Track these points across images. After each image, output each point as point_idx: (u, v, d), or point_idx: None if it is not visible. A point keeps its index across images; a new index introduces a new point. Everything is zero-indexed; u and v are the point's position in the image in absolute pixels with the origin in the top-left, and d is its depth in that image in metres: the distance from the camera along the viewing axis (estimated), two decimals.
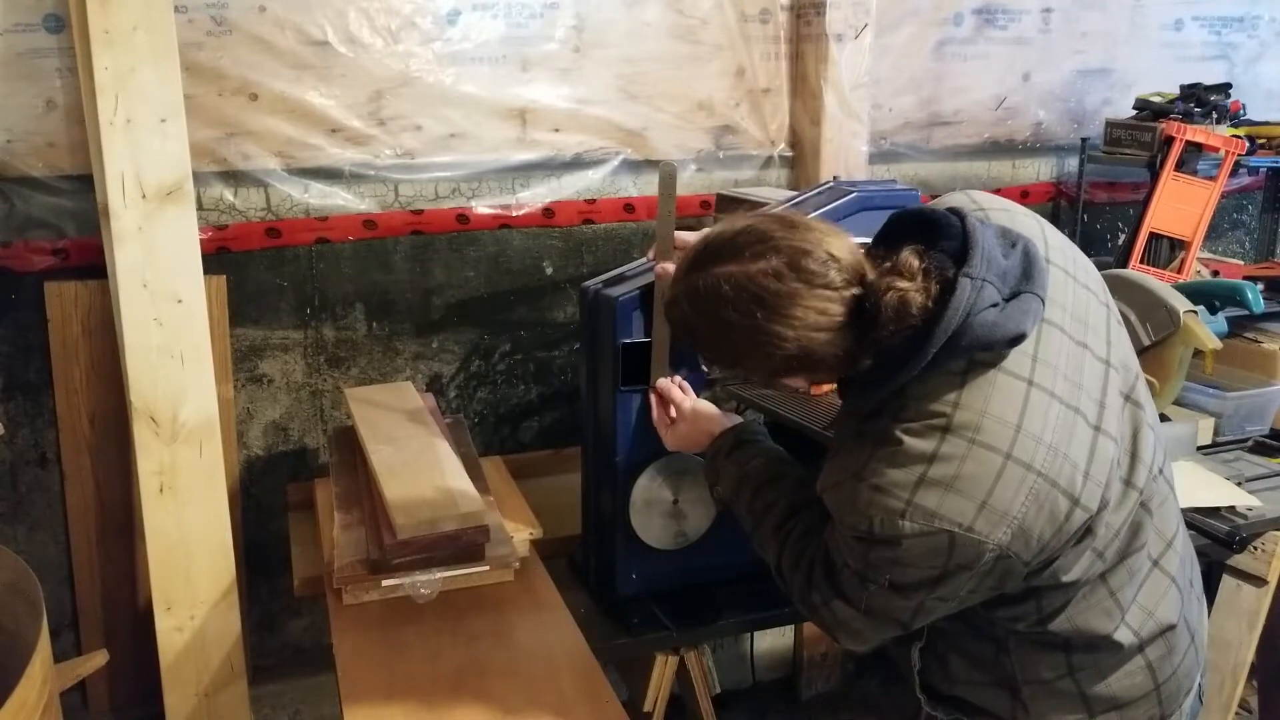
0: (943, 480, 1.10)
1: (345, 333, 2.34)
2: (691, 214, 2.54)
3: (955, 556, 1.11)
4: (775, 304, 1.13)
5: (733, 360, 1.24)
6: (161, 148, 1.79)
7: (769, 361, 1.17)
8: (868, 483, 1.14)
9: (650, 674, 1.79)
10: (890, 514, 1.11)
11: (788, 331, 1.13)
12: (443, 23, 2.24)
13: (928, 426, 1.13)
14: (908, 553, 1.12)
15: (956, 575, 1.13)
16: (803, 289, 1.13)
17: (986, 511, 1.10)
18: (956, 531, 1.10)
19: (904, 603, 1.17)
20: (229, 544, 1.96)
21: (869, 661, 3.06)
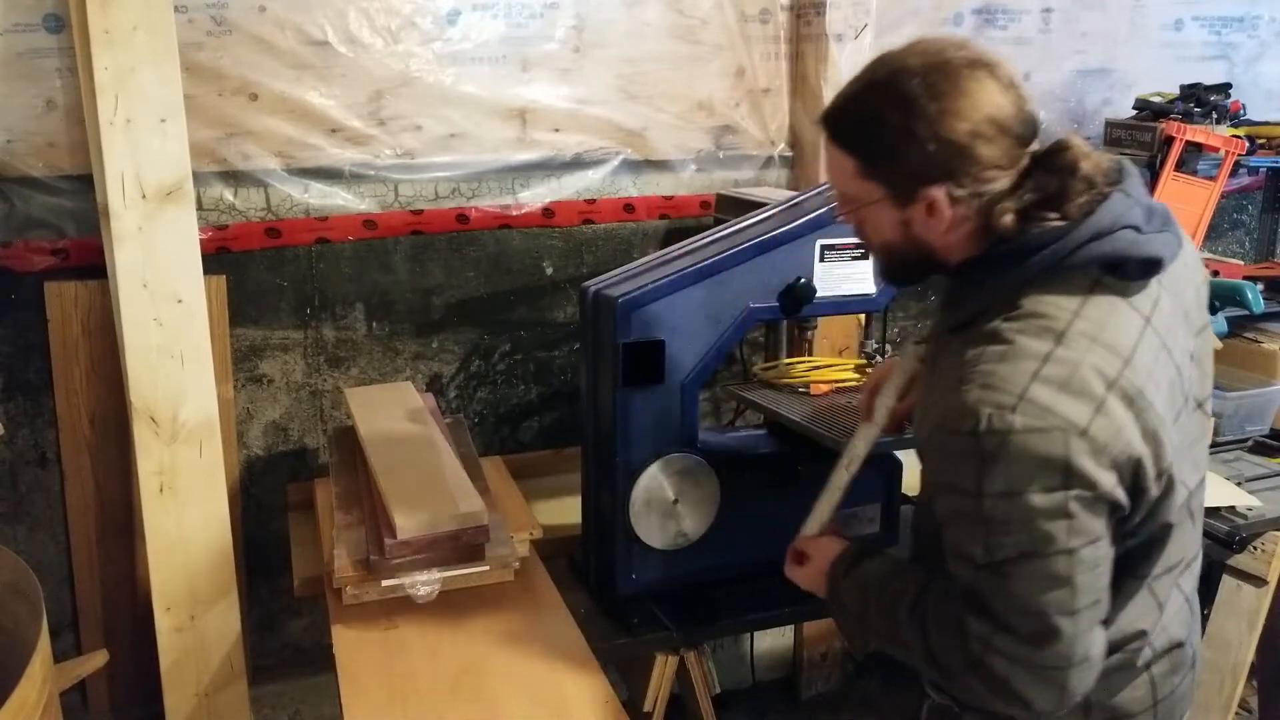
0: (1057, 380, 1.06)
1: (345, 333, 2.34)
2: (691, 214, 2.54)
3: (1076, 468, 1.04)
4: (960, 81, 1.10)
5: (889, 148, 1.15)
6: (161, 148, 1.79)
7: (924, 152, 1.11)
8: (975, 382, 1.08)
9: (650, 674, 1.79)
10: (1000, 409, 1.05)
11: (965, 114, 1.10)
12: (443, 23, 2.24)
13: (1043, 328, 1.10)
14: (1023, 462, 1.04)
15: (1083, 500, 1.05)
16: (992, 84, 1.11)
17: (1102, 419, 1.05)
18: (1072, 434, 1.04)
19: (1054, 566, 1.06)
20: (229, 544, 1.96)
21: (869, 662, 3.06)
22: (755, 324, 1.80)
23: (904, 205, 1.18)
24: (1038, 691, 1.11)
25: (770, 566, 1.87)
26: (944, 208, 1.15)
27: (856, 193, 1.22)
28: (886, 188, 1.18)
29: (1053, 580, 1.07)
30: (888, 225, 1.22)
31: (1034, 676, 1.10)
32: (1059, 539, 1.06)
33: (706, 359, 1.71)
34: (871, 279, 1.80)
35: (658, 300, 1.65)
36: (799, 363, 2.08)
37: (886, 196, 1.19)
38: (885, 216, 1.21)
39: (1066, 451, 1.04)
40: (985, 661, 1.12)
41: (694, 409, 1.73)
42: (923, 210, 1.17)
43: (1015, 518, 1.06)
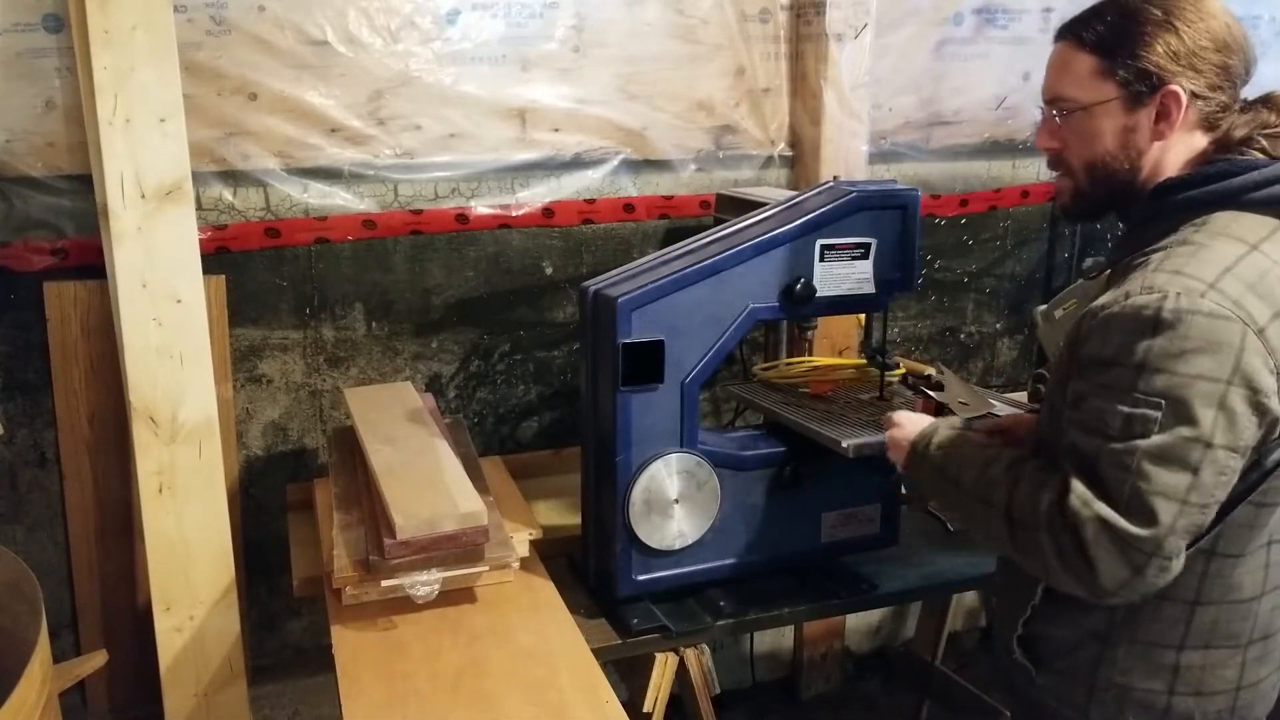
0: (1248, 279, 1.11)
1: (344, 333, 2.34)
2: (691, 214, 2.54)
3: (1243, 364, 1.07)
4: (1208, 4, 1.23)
5: (1143, 38, 1.22)
6: (161, 147, 1.79)
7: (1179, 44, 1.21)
8: (1163, 270, 1.13)
9: (650, 674, 1.79)
10: (1190, 291, 1.09)
11: (1217, 22, 1.22)
12: (442, 22, 2.23)
13: (1234, 237, 1.16)
14: (1195, 342, 1.07)
15: (1238, 399, 1.07)
16: (1232, 15, 1.24)
17: (1276, 326, 1.10)
18: (1250, 328, 1.08)
19: (1182, 451, 1.07)
20: (228, 544, 1.96)
21: (869, 662, 3.06)
22: (755, 324, 1.80)
23: (1135, 108, 1.24)
24: (1111, 564, 1.10)
25: (770, 566, 1.88)
26: (1181, 106, 1.22)
27: (1084, 96, 1.27)
28: (1124, 86, 1.24)
29: (1179, 464, 1.09)
30: (1109, 133, 1.26)
31: (1116, 549, 1.10)
32: (1204, 426, 1.08)
33: (706, 359, 1.71)
34: (872, 279, 1.80)
35: (658, 300, 1.65)
36: (799, 363, 2.08)
37: (1121, 97, 1.24)
38: (1110, 123, 1.26)
39: (1242, 344, 1.08)
40: (1076, 521, 1.11)
41: (694, 409, 1.73)
42: (1153, 114, 1.23)
43: (1173, 393, 1.09)
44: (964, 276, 2.93)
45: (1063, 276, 2.99)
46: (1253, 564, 1.23)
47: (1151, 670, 1.25)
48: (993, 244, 2.94)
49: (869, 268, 1.79)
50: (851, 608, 1.99)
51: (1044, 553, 1.16)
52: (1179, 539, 1.11)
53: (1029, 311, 2.50)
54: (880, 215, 1.78)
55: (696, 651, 1.83)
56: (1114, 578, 1.11)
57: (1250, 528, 1.20)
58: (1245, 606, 1.24)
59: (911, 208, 1.79)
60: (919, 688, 2.72)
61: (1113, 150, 1.26)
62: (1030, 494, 1.19)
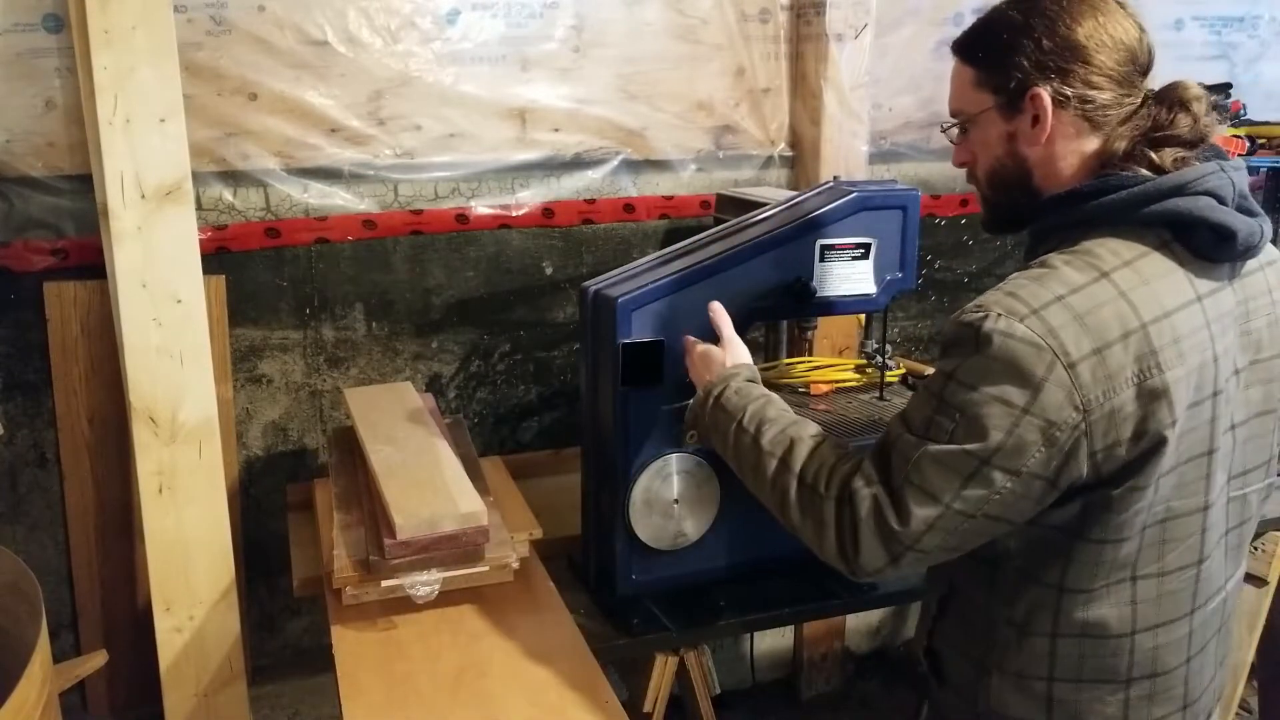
0: (1077, 310, 1.10)
1: (345, 333, 2.34)
2: (691, 214, 2.54)
3: (1042, 394, 1.07)
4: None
5: (1006, 45, 1.22)
6: (161, 148, 1.79)
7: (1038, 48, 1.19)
8: (1002, 290, 1.14)
9: (650, 674, 1.79)
10: (1011, 313, 1.09)
11: (1084, 20, 1.18)
12: (442, 22, 2.24)
13: (1089, 264, 1.14)
14: (1001, 364, 1.08)
15: (1029, 428, 1.08)
16: (1116, 8, 1.20)
17: (1096, 360, 1.08)
18: (1060, 360, 1.08)
19: (961, 462, 1.10)
20: (228, 544, 1.96)
21: (869, 662, 3.06)
22: (755, 324, 1.80)
23: (1011, 114, 1.24)
24: (873, 547, 1.16)
25: (770, 566, 1.88)
26: (1047, 109, 1.20)
27: (969, 106, 1.29)
28: (996, 93, 1.25)
29: (953, 472, 1.11)
30: (995, 141, 1.27)
31: (880, 535, 1.15)
32: (988, 444, 1.10)
33: None
34: (872, 278, 1.80)
35: (658, 300, 1.65)
36: (799, 363, 2.08)
37: (995, 105, 1.25)
38: (993, 130, 1.27)
39: (1047, 374, 1.08)
40: (855, 498, 1.17)
41: None
42: (1029, 119, 1.22)
43: (969, 409, 1.11)
44: (964, 276, 2.93)
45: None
46: (1114, 600, 1.20)
47: (1026, 700, 1.25)
48: (993, 244, 2.94)
49: (869, 268, 1.79)
50: (851, 608, 1.99)
51: (824, 521, 1.20)
52: (936, 538, 1.14)
53: None
54: (880, 215, 1.78)
55: (696, 651, 1.83)
56: (872, 561, 1.17)
57: (1096, 564, 1.18)
58: (1115, 643, 1.21)
59: (911, 208, 1.79)
60: (919, 688, 2.71)
61: (1001, 158, 1.28)
62: (827, 464, 1.24)
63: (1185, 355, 1.11)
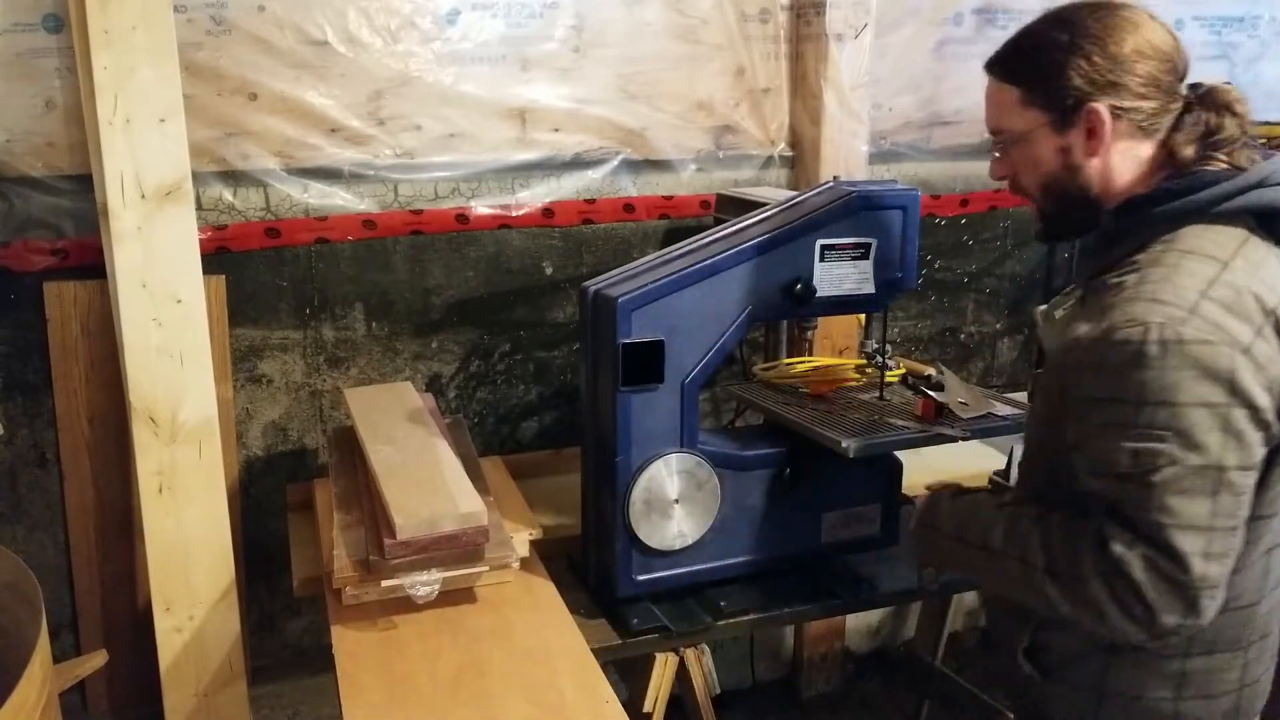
0: (1223, 300, 1.12)
1: (345, 333, 2.34)
2: (691, 214, 2.54)
3: (1239, 385, 1.08)
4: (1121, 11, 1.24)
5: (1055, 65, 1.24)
6: (161, 147, 1.79)
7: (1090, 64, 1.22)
8: (1142, 298, 1.14)
9: (650, 674, 1.79)
10: (1172, 320, 1.10)
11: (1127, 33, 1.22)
12: (442, 22, 2.23)
13: (1207, 256, 1.16)
14: (1186, 373, 1.08)
15: (1240, 419, 1.09)
16: (1148, 18, 1.24)
17: (1260, 342, 1.11)
18: (1237, 349, 1.10)
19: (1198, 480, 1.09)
20: (228, 544, 1.96)
21: (869, 662, 3.06)
22: (755, 324, 1.80)
23: (1065, 129, 1.27)
24: (1168, 603, 1.11)
25: (770, 566, 1.88)
26: (1106, 123, 1.24)
27: (1017, 125, 1.30)
28: (1048, 111, 1.27)
29: (1198, 492, 1.10)
30: (1048, 156, 1.29)
31: (1168, 587, 1.11)
32: (1213, 450, 1.10)
33: (706, 359, 1.71)
34: (872, 279, 1.80)
35: (658, 300, 1.65)
36: (799, 363, 2.07)
37: (1048, 122, 1.27)
38: (1045, 147, 1.29)
39: (1233, 366, 1.09)
40: (1124, 566, 1.12)
41: (694, 409, 1.73)
42: (1083, 133, 1.26)
43: (1173, 426, 1.10)
44: (964, 276, 2.93)
45: (1063, 276, 2.99)
46: (1253, 573, 1.24)
47: (1159, 679, 1.26)
48: (993, 244, 2.94)
49: (869, 268, 1.79)
50: (851, 608, 1.99)
51: (1099, 602, 1.15)
52: (1217, 565, 1.11)
53: (1029, 311, 2.51)
54: (880, 215, 1.78)
55: (696, 651, 1.83)
56: (1173, 616, 1.12)
57: (1250, 542, 1.21)
58: (1246, 612, 1.25)
59: (911, 208, 1.79)
60: (919, 688, 2.72)
61: (1056, 171, 1.30)
62: (1068, 545, 1.19)
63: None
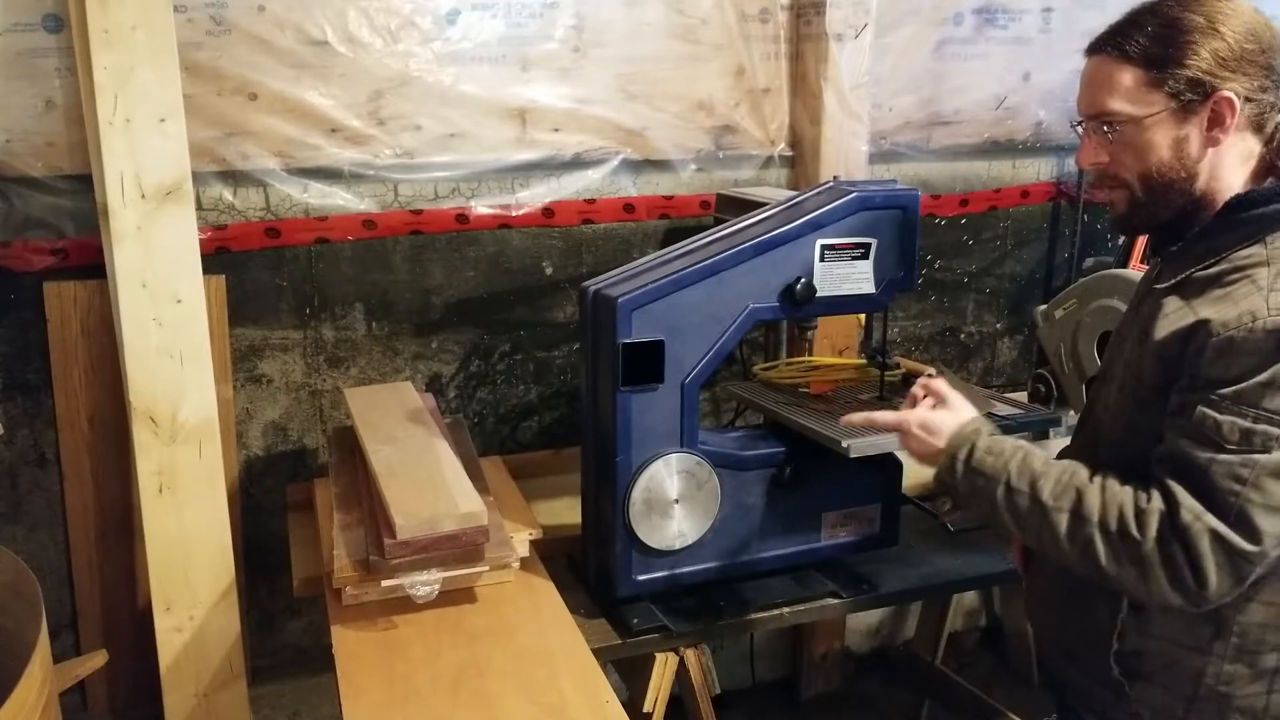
0: None
1: (345, 333, 2.34)
2: (691, 214, 2.54)
3: None
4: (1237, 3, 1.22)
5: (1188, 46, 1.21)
6: (161, 147, 1.79)
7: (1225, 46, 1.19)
8: (1267, 287, 1.15)
9: (650, 674, 1.79)
10: None
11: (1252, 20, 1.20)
12: (442, 22, 2.23)
13: None
14: None
15: None
16: (1260, 14, 1.23)
17: None
18: None
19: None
20: (228, 544, 1.96)
21: (869, 662, 3.06)
22: (755, 324, 1.80)
23: (1186, 117, 1.23)
24: (1222, 576, 1.14)
25: (770, 566, 1.88)
26: (1235, 111, 1.21)
27: (1135, 109, 1.25)
28: (1174, 97, 1.23)
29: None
30: (1162, 144, 1.25)
31: (1228, 561, 1.13)
32: None
33: (706, 359, 1.71)
34: (872, 279, 1.80)
35: (658, 300, 1.65)
36: (799, 363, 2.08)
37: (1169, 109, 1.23)
38: (1162, 134, 1.25)
39: None
40: (1189, 534, 1.14)
41: (694, 409, 1.73)
42: (1204, 121, 1.22)
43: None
44: (964, 276, 2.93)
45: (1063, 276, 2.99)
46: None
47: (1254, 675, 1.25)
48: (993, 244, 2.94)
49: (869, 268, 1.79)
50: (851, 608, 1.99)
51: (1148, 564, 1.16)
52: (1277, 549, 1.15)
53: (1029, 311, 2.50)
54: (880, 215, 1.78)
55: (696, 651, 1.83)
56: (1222, 588, 1.15)
57: None
58: None
59: (911, 208, 1.79)
60: (919, 688, 2.72)
61: (1167, 161, 1.26)
62: (1129, 506, 1.19)
63: None
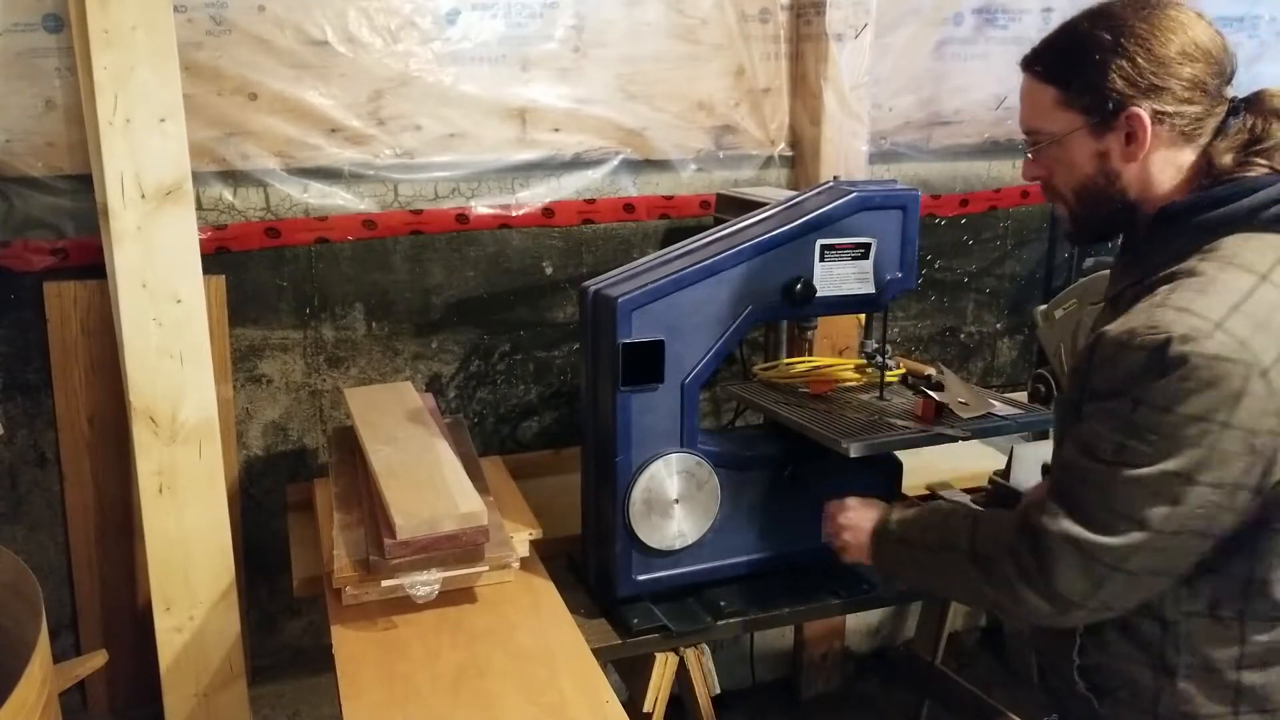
0: (1256, 317, 1.10)
1: (345, 333, 2.34)
2: (691, 214, 2.54)
3: (1241, 406, 1.07)
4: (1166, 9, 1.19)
5: (1096, 65, 1.21)
6: (161, 147, 1.79)
7: (1133, 66, 1.18)
8: (1169, 306, 1.13)
9: (650, 674, 1.79)
10: (1196, 332, 1.09)
11: (1173, 33, 1.18)
12: (442, 22, 2.23)
13: (1245, 267, 1.14)
14: (1193, 386, 1.08)
15: (1231, 440, 1.08)
16: (1194, 16, 1.19)
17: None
18: (1255, 370, 1.07)
19: (1162, 485, 1.10)
20: (228, 544, 1.96)
21: (869, 662, 3.06)
22: (755, 324, 1.80)
23: (1103, 132, 1.23)
24: (1070, 574, 1.15)
25: (770, 566, 1.88)
26: (1146, 128, 1.20)
27: (1054, 127, 1.27)
28: (1087, 114, 1.24)
29: (1159, 497, 1.11)
30: (1084, 160, 1.26)
31: (1078, 559, 1.15)
32: (1190, 462, 1.10)
33: (706, 359, 1.71)
34: (872, 279, 1.80)
35: (658, 300, 1.65)
36: (799, 363, 2.07)
37: (1086, 125, 1.24)
38: (1082, 150, 1.26)
39: (1243, 388, 1.08)
40: (1038, 533, 1.17)
41: (694, 409, 1.73)
42: (1122, 137, 1.22)
43: (1166, 430, 1.10)
44: (964, 276, 2.93)
45: (1063, 276, 2.99)
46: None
47: (1214, 695, 1.24)
48: (993, 244, 2.94)
49: (869, 268, 1.79)
50: (851, 608, 1.99)
51: (1009, 578, 1.20)
52: (1143, 559, 1.14)
53: (1029, 311, 2.51)
54: (880, 215, 1.78)
55: (696, 651, 1.83)
56: (1072, 587, 1.16)
57: None
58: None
59: (911, 208, 1.79)
60: (919, 688, 2.72)
61: (1092, 175, 1.27)
62: (992, 527, 1.26)
63: None
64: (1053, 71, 1.27)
